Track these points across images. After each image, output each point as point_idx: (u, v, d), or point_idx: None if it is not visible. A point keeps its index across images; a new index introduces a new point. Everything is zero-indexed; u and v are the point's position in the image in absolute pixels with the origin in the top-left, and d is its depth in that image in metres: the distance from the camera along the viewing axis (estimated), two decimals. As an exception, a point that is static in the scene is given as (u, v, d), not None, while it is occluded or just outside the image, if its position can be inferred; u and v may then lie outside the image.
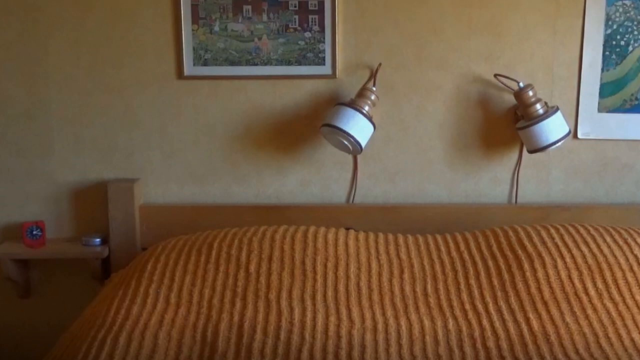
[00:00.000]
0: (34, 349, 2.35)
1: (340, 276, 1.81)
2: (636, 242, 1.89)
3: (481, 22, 2.20)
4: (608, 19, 2.19)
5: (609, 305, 1.72)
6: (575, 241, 1.88)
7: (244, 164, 2.30)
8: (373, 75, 2.21)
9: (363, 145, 2.13)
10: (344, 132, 2.08)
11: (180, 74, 2.23)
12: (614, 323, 1.68)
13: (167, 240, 2.01)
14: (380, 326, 1.66)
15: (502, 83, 2.21)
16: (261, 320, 1.67)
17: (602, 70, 2.23)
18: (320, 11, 2.18)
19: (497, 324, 1.67)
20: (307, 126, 2.26)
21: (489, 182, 2.31)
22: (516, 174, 2.30)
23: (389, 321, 1.68)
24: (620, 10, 2.19)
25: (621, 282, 1.77)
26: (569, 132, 2.16)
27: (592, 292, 1.75)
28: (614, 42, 2.21)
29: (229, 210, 2.25)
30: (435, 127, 2.27)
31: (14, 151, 2.29)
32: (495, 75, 2.20)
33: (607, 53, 2.22)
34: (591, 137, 2.27)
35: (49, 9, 2.20)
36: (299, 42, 2.20)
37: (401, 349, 1.59)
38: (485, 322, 1.68)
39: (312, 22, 2.19)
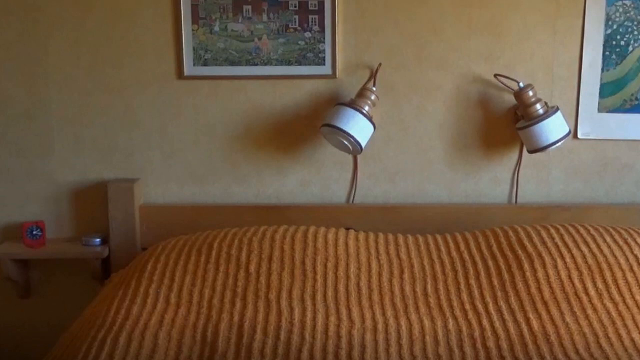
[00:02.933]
0: (34, 349, 2.35)
1: (340, 276, 1.81)
2: (636, 242, 1.89)
3: (481, 22, 2.20)
4: (608, 19, 2.19)
5: (609, 305, 1.72)
6: (575, 241, 1.88)
7: (244, 164, 2.30)
8: (373, 75, 2.21)
9: (363, 145, 2.13)
10: (344, 132, 2.08)
11: (180, 74, 2.23)
12: (614, 323, 1.67)
13: (167, 240, 2.01)
14: (380, 326, 1.66)
15: (502, 83, 2.21)
16: (261, 320, 1.67)
17: (602, 70, 2.23)
18: (320, 11, 2.18)
19: (497, 324, 1.67)
20: (307, 126, 2.26)
21: (489, 182, 2.31)
22: (516, 174, 2.30)
23: (389, 321, 1.68)
24: (620, 10, 2.19)
25: (621, 282, 1.77)
26: (569, 132, 2.16)
27: (592, 292, 1.75)
28: (614, 42, 2.21)
29: (229, 210, 2.25)
30: (435, 127, 2.27)
31: (14, 151, 2.28)
32: (495, 75, 2.20)
33: (607, 53, 2.21)
34: (591, 137, 2.27)
35: (49, 9, 2.20)
36: (299, 42, 2.20)
37: (401, 349, 1.59)
38: (485, 322, 1.68)
39: (312, 22, 2.19)
